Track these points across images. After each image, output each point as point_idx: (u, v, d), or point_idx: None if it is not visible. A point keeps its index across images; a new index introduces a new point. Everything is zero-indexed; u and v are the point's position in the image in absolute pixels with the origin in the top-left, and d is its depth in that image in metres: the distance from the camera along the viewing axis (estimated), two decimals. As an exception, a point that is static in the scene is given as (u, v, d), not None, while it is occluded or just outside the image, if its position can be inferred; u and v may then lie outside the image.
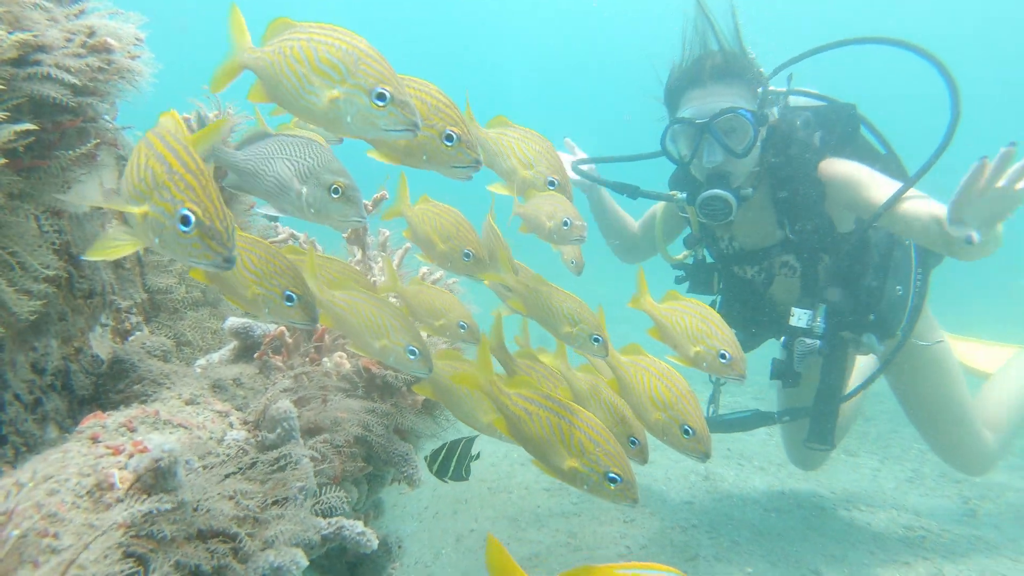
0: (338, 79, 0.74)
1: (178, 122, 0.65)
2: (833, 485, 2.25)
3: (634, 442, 1.03)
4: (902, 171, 1.72)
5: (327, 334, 1.18)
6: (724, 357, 1.05)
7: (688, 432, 0.97)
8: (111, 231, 0.64)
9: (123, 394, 0.92)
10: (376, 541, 0.81)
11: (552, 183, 1.07)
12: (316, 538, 0.78)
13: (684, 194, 1.74)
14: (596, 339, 1.04)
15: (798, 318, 1.67)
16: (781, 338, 1.73)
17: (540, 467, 0.91)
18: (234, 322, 1.13)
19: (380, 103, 0.73)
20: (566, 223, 1.03)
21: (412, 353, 0.94)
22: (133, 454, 0.61)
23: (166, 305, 1.24)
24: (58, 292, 0.88)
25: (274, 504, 0.71)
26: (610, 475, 0.85)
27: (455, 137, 0.85)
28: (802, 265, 1.72)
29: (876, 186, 1.56)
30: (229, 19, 0.84)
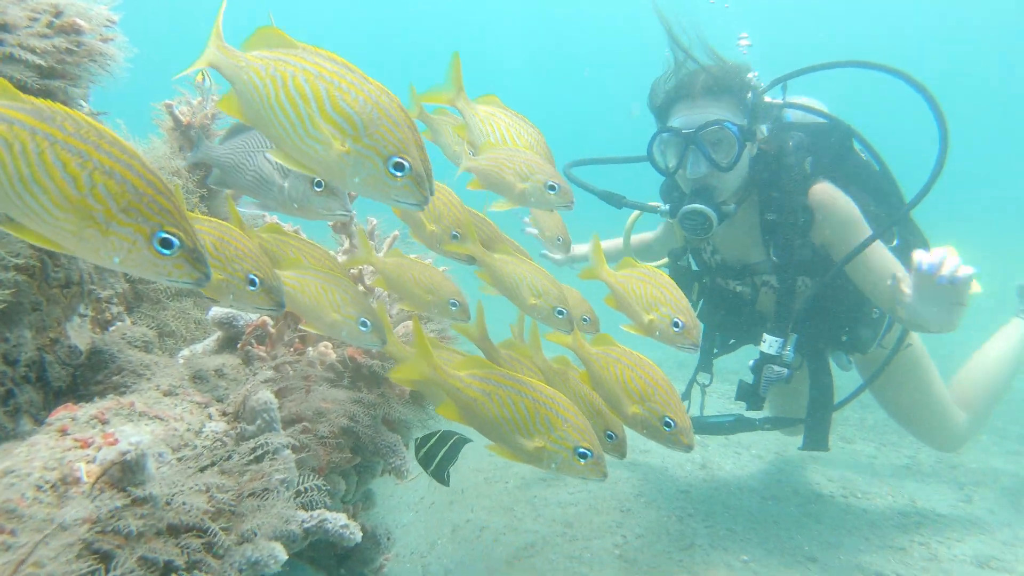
0: (351, 134, 0.65)
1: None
2: (830, 472, 2.24)
3: (611, 436, 0.99)
4: (895, 188, 1.75)
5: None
6: (677, 325, 1.00)
7: (669, 425, 0.93)
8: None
9: (102, 385, 0.90)
10: (360, 534, 0.79)
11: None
12: (298, 531, 0.77)
13: (667, 206, 1.73)
14: (560, 312, 1.00)
15: (768, 345, 1.68)
16: (751, 362, 1.75)
17: (498, 451, 0.87)
18: (218, 312, 1.11)
19: (397, 173, 0.66)
20: (553, 188, 0.92)
21: (364, 325, 0.89)
22: (102, 447, 0.59)
23: (148, 295, 1.21)
24: (31, 281, 0.86)
25: (253, 497, 0.69)
26: (580, 450, 0.82)
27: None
28: (780, 287, 1.72)
29: (858, 234, 1.59)
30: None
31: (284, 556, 0.66)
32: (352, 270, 1.25)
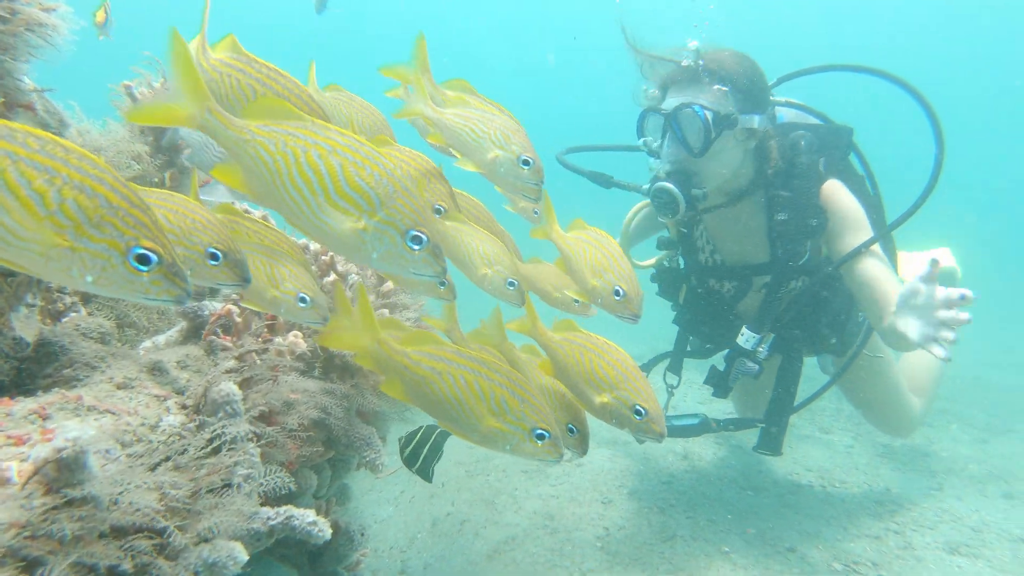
0: (367, 209, 0.64)
1: None
2: (808, 462, 2.27)
3: (572, 430, 0.93)
4: (880, 205, 1.74)
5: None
6: (618, 293, 0.95)
7: (640, 413, 0.88)
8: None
9: (51, 379, 0.84)
10: (329, 531, 0.75)
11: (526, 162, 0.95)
12: (263, 529, 0.73)
13: (646, 185, 1.71)
14: (511, 283, 0.95)
15: (746, 339, 1.67)
16: (725, 351, 1.75)
17: (449, 428, 0.81)
18: (180, 301, 1.05)
19: (415, 247, 0.65)
20: (526, 162, 0.86)
21: (303, 301, 0.84)
22: (38, 444, 0.54)
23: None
24: (-30, 267, 0.79)
25: (211, 494, 0.65)
26: (537, 432, 0.78)
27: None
28: (772, 286, 1.70)
29: (859, 235, 1.56)
30: (169, 44, 0.61)
31: (245, 557, 0.62)
32: (301, 241, 1.18)
